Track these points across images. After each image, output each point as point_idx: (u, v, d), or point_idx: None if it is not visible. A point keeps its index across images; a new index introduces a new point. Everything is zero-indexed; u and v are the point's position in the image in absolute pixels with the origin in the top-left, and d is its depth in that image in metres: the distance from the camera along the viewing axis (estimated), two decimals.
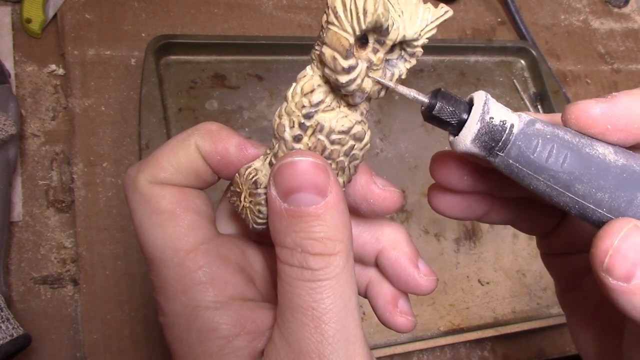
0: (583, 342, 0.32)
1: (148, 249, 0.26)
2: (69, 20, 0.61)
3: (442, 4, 0.25)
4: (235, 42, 0.65)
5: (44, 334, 0.49)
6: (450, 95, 0.25)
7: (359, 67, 0.23)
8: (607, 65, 0.86)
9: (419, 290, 0.29)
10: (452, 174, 0.28)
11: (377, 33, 0.23)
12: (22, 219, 0.52)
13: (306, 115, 0.24)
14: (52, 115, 0.57)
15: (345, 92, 0.24)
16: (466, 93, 0.83)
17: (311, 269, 0.23)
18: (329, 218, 0.23)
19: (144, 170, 0.26)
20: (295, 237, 0.23)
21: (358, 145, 0.25)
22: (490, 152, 0.24)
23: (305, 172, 0.23)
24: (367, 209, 0.28)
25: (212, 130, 0.26)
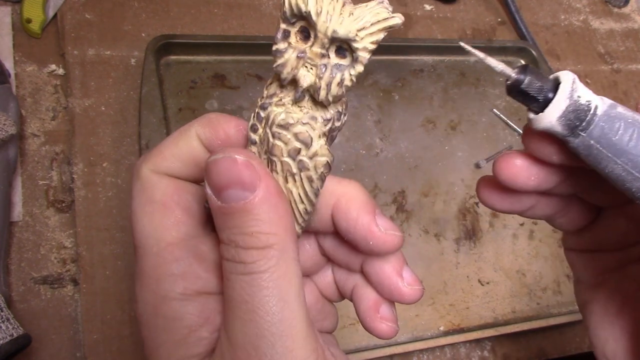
0: (602, 342, 0.32)
1: (136, 235, 0.26)
2: (69, 20, 0.61)
3: (395, 12, 0.24)
4: (235, 42, 0.65)
5: (44, 334, 0.49)
6: (538, 71, 0.25)
7: (287, 53, 0.24)
8: (607, 65, 0.86)
9: (403, 299, 0.29)
10: (522, 175, 0.28)
11: (312, 27, 0.24)
12: (22, 219, 0.52)
13: (262, 105, 0.25)
14: (52, 115, 0.57)
15: (282, 81, 0.25)
16: (466, 93, 0.83)
17: (244, 262, 0.23)
18: (261, 212, 0.23)
19: (148, 160, 0.27)
20: (229, 233, 0.24)
21: (305, 151, 0.25)
22: (572, 132, 0.24)
23: (229, 168, 0.23)
24: (365, 248, 0.28)
25: (211, 119, 0.27)
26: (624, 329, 0.31)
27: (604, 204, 0.31)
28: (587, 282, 0.34)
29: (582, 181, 0.28)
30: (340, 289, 0.31)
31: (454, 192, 0.67)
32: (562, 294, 0.66)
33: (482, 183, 0.30)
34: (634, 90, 0.85)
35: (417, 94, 0.72)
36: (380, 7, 0.24)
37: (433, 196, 0.66)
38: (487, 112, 0.74)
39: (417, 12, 0.78)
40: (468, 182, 0.68)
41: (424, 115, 0.71)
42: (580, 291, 0.35)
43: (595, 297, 0.33)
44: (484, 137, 0.72)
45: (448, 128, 0.71)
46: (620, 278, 0.32)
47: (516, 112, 0.75)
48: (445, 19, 0.79)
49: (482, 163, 0.70)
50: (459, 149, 0.70)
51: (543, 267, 0.67)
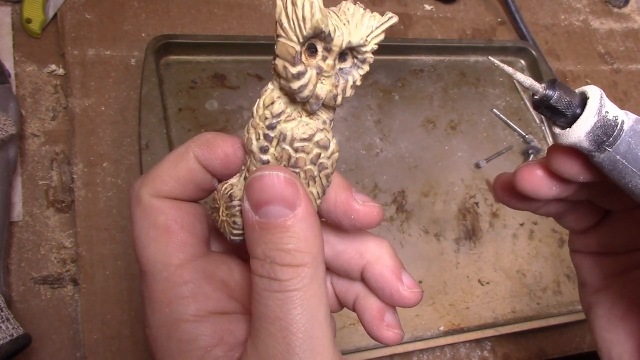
0: (608, 344, 0.32)
1: (142, 261, 0.27)
2: (69, 20, 0.61)
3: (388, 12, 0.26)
4: (235, 42, 0.65)
5: (44, 334, 0.49)
6: (565, 86, 0.25)
7: (308, 73, 0.24)
8: (607, 65, 0.86)
9: (404, 303, 0.30)
10: (543, 185, 0.28)
11: (323, 40, 0.24)
12: (22, 219, 0.52)
13: (269, 126, 0.26)
14: (52, 115, 0.57)
15: (300, 99, 0.25)
16: (466, 93, 0.83)
17: (279, 279, 0.23)
18: (298, 230, 0.24)
19: (147, 184, 0.27)
20: (265, 249, 0.24)
21: (324, 153, 0.26)
22: (599, 147, 0.24)
23: (273, 185, 0.24)
24: (349, 224, 0.28)
25: (208, 139, 0.27)
26: (630, 332, 0.31)
27: (613, 208, 0.31)
28: (593, 285, 0.34)
29: (596, 188, 0.29)
30: (342, 299, 0.32)
31: (454, 192, 0.67)
32: (562, 294, 0.66)
33: (498, 182, 0.31)
34: (634, 90, 0.85)
35: (417, 94, 0.72)
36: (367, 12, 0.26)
37: (433, 196, 0.66)
38: (487, 112, 0.74)
39: (417, 12, 0.78)
40: (468, 182, 0.68)
41: (424, 115, 0.71)
42: (586, 294, 0.35)
43: (600, 300, 0.33)
44: (484, 137, 0.72)
45: (448, 128, 0.71)
46: (626, 281, 0.32)
47: (516, 112, 0.75)
48: (445, 19, 0.79)
49: (482, 163, 0.70)
50: (459, 149, 0.70)
51: (543, 267, 0.67)
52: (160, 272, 0.26)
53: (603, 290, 0.33)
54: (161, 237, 0.26)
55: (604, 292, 0.33)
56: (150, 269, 0.26)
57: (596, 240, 0.33)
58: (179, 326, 0.26)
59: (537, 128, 0.75)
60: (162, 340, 0.26)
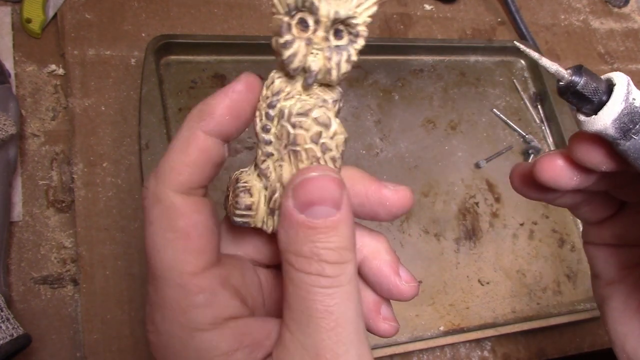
0: (622, 337, 0.32)
1: (155, 264, 0.26)
2: (69, 20, 0.61)
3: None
4: (235, 42, 0.65)
5: (44, 334, 0.49)
6: (592, 72, 0.25)
7: (296, 42, 0.25)
8: (607, 65, 0.86)
9: (401, 296, 0.30)
10: (564, 176, 0.28)
11: (311, 13, 0.25)
12: (22, 219, 0.52)
13: (269, 104, 0.26)
14: (52, 115, 0.57)
15: (292, 71, 0.25)
16: (466, 93, 0.83)
17: (328, 276, 0.24)
18: (343, 229, 0.25)
19: (163, 180, 0.26)
20: (312, 247, 0.24)
21: (325, 133, 0.26)
22: (625, 135, 0.24)
23: (325, 186, 0.25)
24: (385, 213, 0.29)
25: (202, 109, 0.27)
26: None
27: (630, 199, 0.31)
28: (607, 278, 0.34)
29: (615, 179, 0.29)
30: None
31: (454, 192, 0.67)
32: (562, 294, 0.66)
33: (516, 173, 0.32)
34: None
35: (417, 94, 0.72)
36: None
37: (433, 196, 0.66)
38: (487, 112, 0.74)
39: (417, 12, 0.78)
40: (468, 182, 0.68)
41: (424, 115, 0.71)
42: (599, 287, 0.35)
43: (614, 293, 0.33)
44: (484, 137, 0.72)
45: (448, 128, 0.71)
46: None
47: (516, 112, 0.75)
48: (445, 19, 0.79)
49: (482, 163, 0.70)
50: (459, 149, 0.70)
51: (543, 267, 0.67)
52: (174, 279, 0.26)
53: (617, 283, 0.33)
54: (179, 242, 0.26)
55: (617, 284, 0.33)
56: (164, 275, 0.26)
57: (611, 232, 0.33)
58: (196, 335, 0.25)
59: (537, 128, 0.75)
60: (177, 349, 0.26)
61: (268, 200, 0.27)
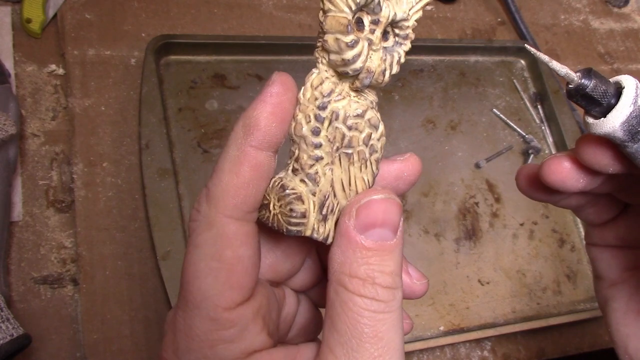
0: (624, 338, 0.32)
1: (192, 291, 0.25)
2: (69, 20, 0.61)
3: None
4: (235, 42, 0.65)
5: (44, 334, 0.49)
6: (601, 75, 0.25)
7: (360, 42, 0.25)
8: (607, 65, 0.86)
9: (414, 295, 0.31)
10: (570, 178, 0.28)
11: (370, 13, 0.25)
12: (22, 219, 0.52)
13: (320, 106, 0.25)
14: (52, 115, 0.57)
15: (353, 71, 0.25)
16: (466, 93, 0.83)
17: (381, 300, 0.24)
18: (397, 254, 0.25)
19: (216, 205, 0.25)
20: (368, 269, 0.24)
21: (374, 134, 0.26)
22: (633, 137, 0.24)
23: (389, 210, 0.25)
24: (405, 184, 0.30)
25: (247, 124, 0.25)
26: None
27: (634, 201, 0.31)
28: (609, 279, 0.34)
29: (620, 181, 0.29)
30: None
31: (454, 192, 0.67)
32: (562, 294, 0.66)
33: (523, 174, 0.32)
34: None
35: (417, 94, 0.72)
36: None
37: (433, 196, 0.66)
38: (487, 112, 0.74)
39: None
40: (468, 182, 0.68)
41: (424, 115, 0.71)
42: (602, 288, 0.35)
43: (617, 294, 0.33)
44: (484, 137, 0.72)
45: (448, 128, 0.71)
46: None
47: (516, 112, 0.75)
48: (445, 19, 0.79)
49: (482, 163, 0.70)
50: (459, 149, 0.70)
51: (543, 267, 0.67)
52: (207, 311, 0.25)
53: (620, 284, 0.33)
54: (222, 273, 0.25)
55: (620, 285, 0.33)
56: (198, 304, 0.25)
57: (614, 233, 0.33)
58: None
59: (537, 128, 0.75)
60: None
61: (320, 206, 0.26)
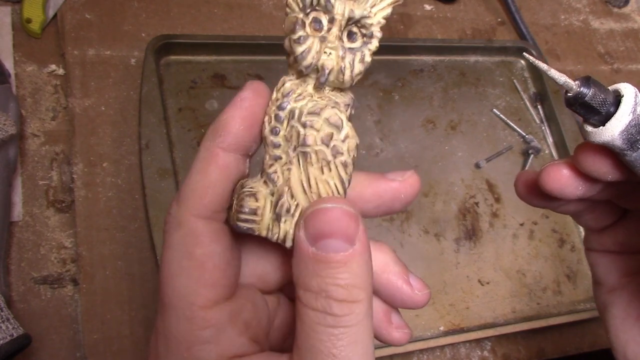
0: (623, 344, 0.32)
1: (167, 292, 0.25)
2: (69, 20, 0.61)
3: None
4: (235, 42, 0.65)
5: (44, 334, 0.49)
6: (600, 83, 0.25)
7: (310, 38, 0.25)
8: (607, 65, 0.86)
9: (416, 305, 0.30)
10: (569, 186, 0.28)
11: (324, 10, 0.25)
12: (22, 219, 0.52)
13: (280, 106, 0.26)
14: (52, 115, 0.57)
15: (305, 69, 0.25)
16: (466, 93, 0.83)
17: (334, 315, 0.23)
18: (355, 266, 0.23)
19: (185, 204, 0.25)
20: (321, 282, 0.23)
21: (337, 134, 0.25)
22: (632, 146, 0.24)
23: (338, 219, 0.23)
24: (401, 204, 0.28)
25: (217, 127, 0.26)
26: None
27: (633, 207, 0.31)
28: (608, 285, 0.34)
29: (619, 188, 0.29)
30: None
31: (454, 192, 0.67)
32: (562, 294, 0.66)
33: (521, 181, 0.32)
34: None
35: (417, 94, 0.72)
36: None
37: (433, 196, 0.66)
38: (487, 112, 0.74)
39: (417, 12, 0.78)
40: (468, 182, 0.68)
41: (424, 115, 0.71)
42: (601, 293, 0.34)
43: (616, 300, 0.33)
44: (484, 137, 0.72)
45: (448, 128, 0.71)
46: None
47: (516, 112, 0.75)
48: (445, 19, 0.79)
49: (482, 163, 0.70)
50: (459, 149, 0.70)
51: (543, 267, 0.67)
52: (183, 310, 0.25)
53: (619, 290, 0.33)
54: (193, 271, 0.25)
55: (619, 291, 0.33)
56: (173, 304, 0.25)
57: (613, 239, 0.33)
58: None
59: (537, 128, 0.75)
60: None
61: (274, 206, 0.26)
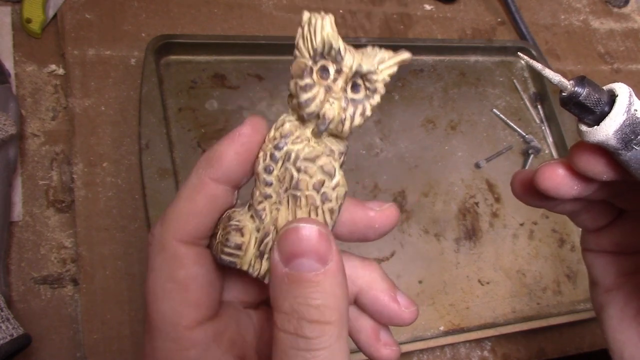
0: (620, 345, 0.32)
1: (152, 313, 0.26)
2: (69, 20, 0.61)
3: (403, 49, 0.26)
4: (235, 42, 0.65)
5: (44, 334, 0.49)
6: (595, 83, 0.25)
7: (316, 87, 0.25)
8: (607, 65, 0.86)
9: (403, 323, 0.30)
10: (565, 185, 0.28)
11: (334, 61, 0.25)
12: (22, 219, 0.52)
13: (276, 146, 0.26)
14: (52, 115, 0.57)
15: (307, 115, 0.25)
16: (466, 93, 0.83)
17: (306, 337, 0.23)
18: (328, 286, 0.23)
19: (169, 228, 0.26)
20: (293, 303, 0.23)
21: (328, 182, 0.26)
22: (626, 145, 0.24)
23: (308, 238, 0.23)
24: (375, 234, 0.29)
25: (210, 156, 0.26)
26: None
27: (629, 207, 0.31)
28: (605, 285, 0.34)
29: (615, 188, 0.29)
30: None
31: (454, 192, 0.67)
32: (562, 294, 0.66)
33: (517, 180, 0.32)
34: (634, 90, 0.85)
35: (417, 94, 0.72)
36: (381, 49, 0.26)
37: (433, 196, 0.66)
38: (487, 112, 0.74)
39: (417, 12, 0.78)
40: (468, 182, 0.68)
41: (424, 115, 0.71)
42: (597, 294, 0.34)
43: (612, 300, 0.33)
44: (484, 137, 0.72)
45: (448, 128, 0.71)
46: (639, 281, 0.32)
47: (516, 112, 0.75)
48: (445, 19, 0.79)
49: (482, 163, 0.70)
50: (459, 149, 0.70)
51: (543, 267, 0.67)
52: (168, 331, 0.25)
53: (615, 290, 0.33)
54: (177, 293, 0.25)
55: (616, 292, 0.33)
56: (159, 325, 0.25)
57: (610, 239, 0.32)
58: None
59: (537, 128, 0.75)
60: None
61: (259, 243, 0.26)
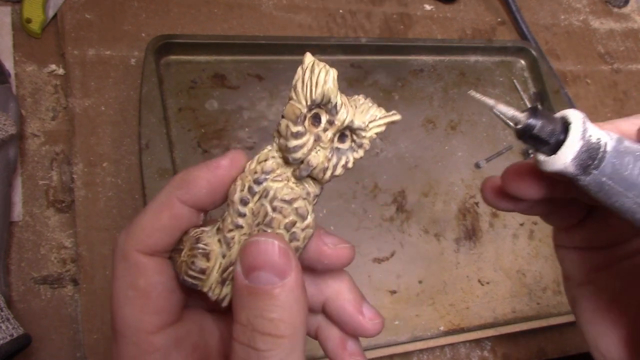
0: (594, 336, 0.33)
1: (116, 320, 0.26)
2: (69, 20, 0.61)
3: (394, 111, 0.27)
4: (235, 42, 0.65)
5: (44, 334, 0.49)
6: (547, 113, 0.25)
7: (306, 135, 0.26)
8: (607, 65, 0.86)
9: (366, 334, 0.30)
10: (531, 187, 0.29)
11: (328, 112, 0.26)
12: (22, 219, 0.52)
13: (256, 180, 0.26)
14: (52, 115, 0.57)
15: (292, 160, 0.26)
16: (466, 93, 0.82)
17: (257, 349, 0.23)
18: (284, 300, 0.24)
19: (132, 238, 0.27)
20: (249, 314, 0.24)
21: (299, 223, 0.26)
22: (584, 171, 0.24)
23: (267, 252, 0.24)
24: (322, 267, 0.29)
25: (183, 178, 0.27)
26: (614, 324, 0.32)
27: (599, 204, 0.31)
28: (577, 279, 0.34)
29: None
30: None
31: (454, 192, 0.67)
32: (562, 294, 0.66)
33: (487, 185, 0.32)
34: (634, 90, 0.85)
35: (417, 94, 0.72)
36: (375, 105, 0.27)
37: (433, 196, 0.66)
38: (487, 112, 0.74)
39: (417, 12, 0.78)
40: (468, 182, 0.68)
41: (424, 115, 0.71)
42: (570, 288, 0.35)
43: (585, 294, 0.34)
44: (484, 137, 0.72)
45: (448, 128, 0.71)
46: (609, 275, 0.33)
47: None
48: (445, 19, 0.79)
49: (482, 163, 0.70)
50: (459, 149, 0.70)
51: (543, 267, 0.67)
52: (130, 336, 0.26)
53: (587, 284, 0.34)
54: (138, 300, 0.26)
55: (587, 286, 0.34)
56: (122, 330, 0.26)
57: (580, 235, 0.33)
58: None
59: None
60: None
61: (222, 270, 0.27)
